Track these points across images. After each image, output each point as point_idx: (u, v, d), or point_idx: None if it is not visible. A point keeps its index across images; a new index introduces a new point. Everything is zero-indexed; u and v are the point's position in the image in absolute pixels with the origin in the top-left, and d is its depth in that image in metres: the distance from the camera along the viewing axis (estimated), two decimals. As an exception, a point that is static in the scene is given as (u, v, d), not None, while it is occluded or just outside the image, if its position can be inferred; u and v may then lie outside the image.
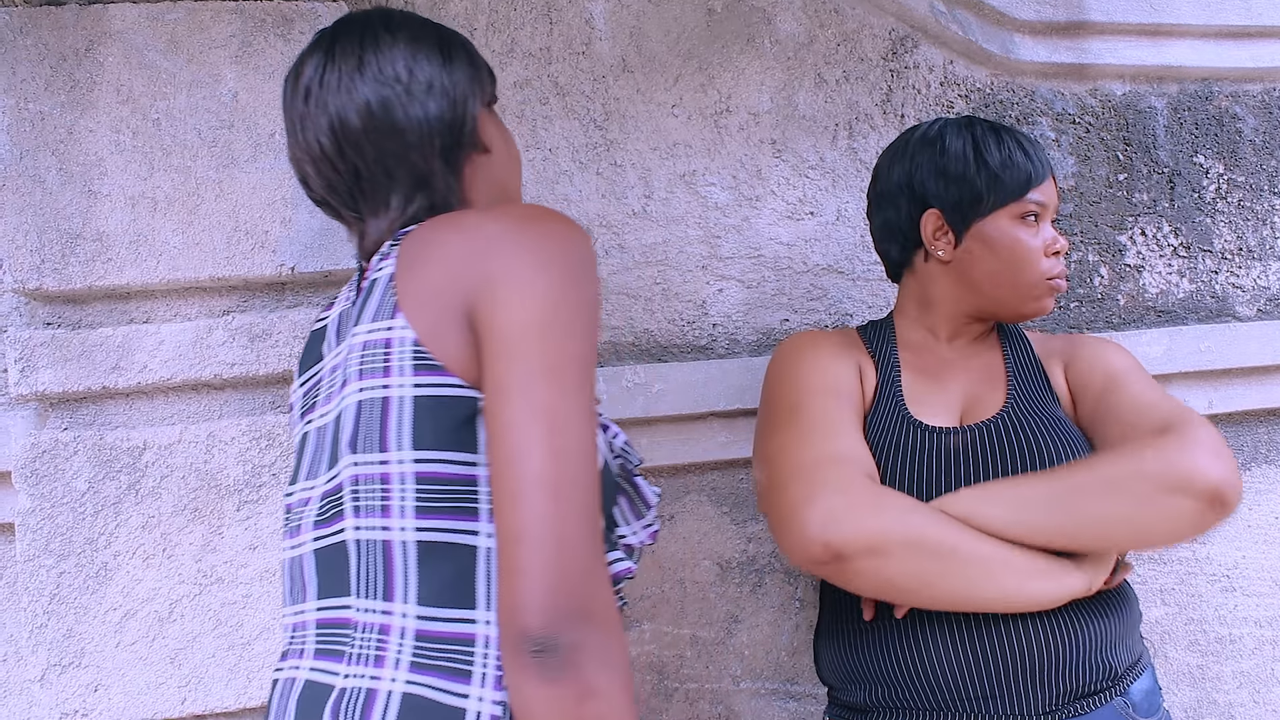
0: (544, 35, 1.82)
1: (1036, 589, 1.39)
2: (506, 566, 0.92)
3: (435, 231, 1.06)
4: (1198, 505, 1.35)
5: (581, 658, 0.90)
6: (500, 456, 0.95)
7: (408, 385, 1.04)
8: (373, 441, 1.05)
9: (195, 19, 1.54)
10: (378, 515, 1.04)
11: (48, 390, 1.52)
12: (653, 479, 1.83)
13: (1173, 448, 1.37)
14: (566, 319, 0.98)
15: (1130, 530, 1.38)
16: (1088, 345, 1.63)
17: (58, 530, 1.51)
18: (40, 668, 1.51)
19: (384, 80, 1.16)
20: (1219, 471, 1.36)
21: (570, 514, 0.93)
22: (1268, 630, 2.11)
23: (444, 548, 1.02)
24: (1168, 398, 1.49)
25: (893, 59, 1.99)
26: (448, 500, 1.03)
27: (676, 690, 1.83)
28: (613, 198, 1.84)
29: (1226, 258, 2.17)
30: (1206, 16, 2.14)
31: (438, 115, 1.17)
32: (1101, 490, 1.37)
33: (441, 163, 1.18)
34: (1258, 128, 2.20)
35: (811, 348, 1.61)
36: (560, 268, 1.00)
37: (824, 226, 1.95)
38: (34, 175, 1.50)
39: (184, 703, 1.53)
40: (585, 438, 0.97)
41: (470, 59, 1.22)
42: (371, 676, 1.02)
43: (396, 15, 1.22)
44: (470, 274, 1.02)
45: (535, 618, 0.89)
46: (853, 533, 1.34)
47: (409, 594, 1.02)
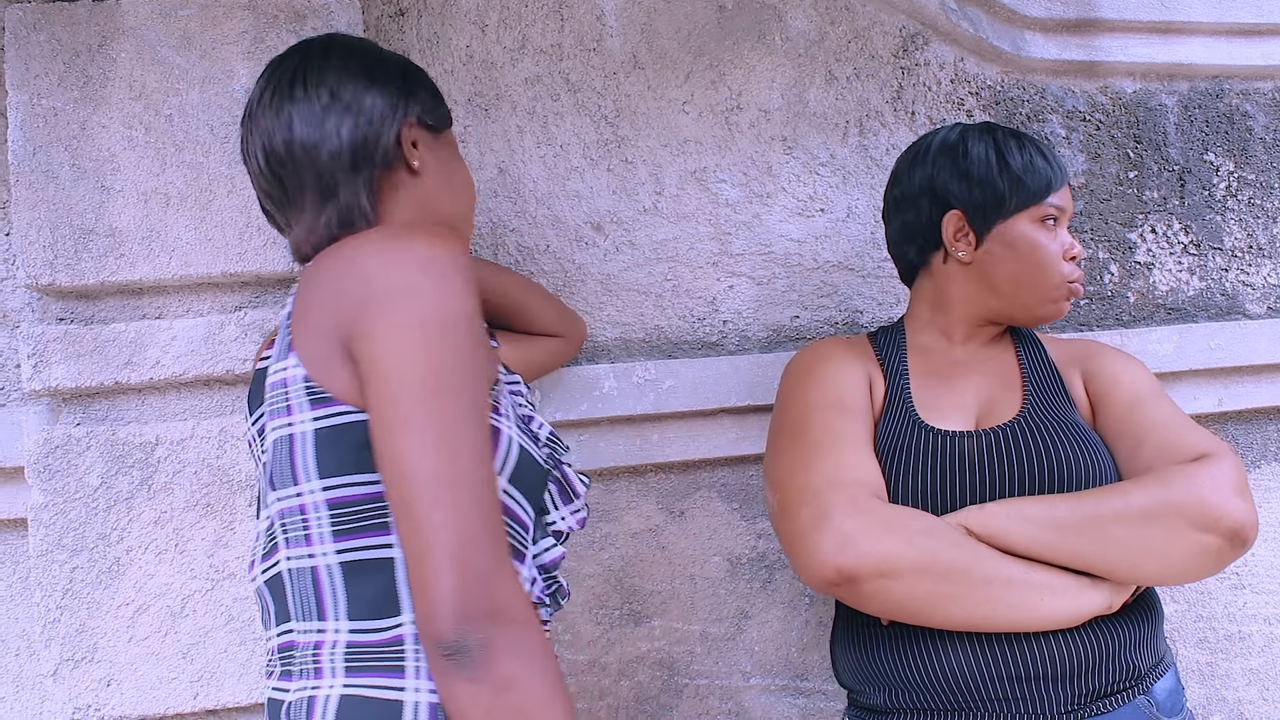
0: (555, 31, 1.82)
1: (1055, 607, 1.39)
2: (412, 581, 0.99)
3: (320, 264, 1.12)
4: (1222, 543, 1.37)
5: (492, 654, 0.96)
6: (389, 478, 1.01)
7: (307, 420, 1.10)
8: (286, 477, 1.12)
9: (208, 15, 1.54)
10: (303, 544, 1.11)
11: (61, 385, 1.52)
12: (662, 475, 1.84)
13: (1205, 483, 1.39)
14: (436, 335, 1.02)
15: (1159, 565, 1.39)
16: (1109, 357, 1.62)
17: (70, 525, 1.51)
18: (53, 662, 1.51)
19: (307, 102, 1.22)
20: (1244, 511, 1.38)
21: (460, 523, 0.98)
22: (1277, 628, 2.11)
23: (365, 564, 1.09)
24: (1195, 426, 1.49)
25: (903, 56, 1.99)
26: (360, 520, 1.09)
27: (686, 686, 1.83)
28: (623, 194, 1.85)
29: (1237, 255, 2.17)
30: (1217, 14, 2.14)
31: (349, 135, 1.21)
32: (1134, 521, 1.39)
33: (352, 179, 1.22)
34: (1268, 125, 2.20)
35: (820, 363, 1.61)
36: (426, 286, 1.03)
37: (834, 223, 1.95)
38: (47, 171, 1.50)
39: (196, 697, 1.53)
40: (468, 447, 1.01)
41: (401, 83, 1.27)
42: (312, 687, 1.09)
43: (338, 42, 1.28)
44: (344, 304, 1.07)
45: (443, 625, 0.95)
46: (863, 556, 1.35)
47: (339, 612, 1.09)
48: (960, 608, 1.37)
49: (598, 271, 1.83)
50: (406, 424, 1.00)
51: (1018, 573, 1.38)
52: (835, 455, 1.46)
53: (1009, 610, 1.38)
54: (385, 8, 1.75)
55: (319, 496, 1.10)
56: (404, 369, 1.01)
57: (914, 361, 1.63)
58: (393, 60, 1.29)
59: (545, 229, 1.81)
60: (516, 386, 1.33)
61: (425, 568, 0.97)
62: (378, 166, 1.23)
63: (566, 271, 1.81)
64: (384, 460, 1.02)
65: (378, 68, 1.26)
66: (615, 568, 1.81)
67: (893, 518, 1.38)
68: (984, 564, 1.38)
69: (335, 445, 1.09)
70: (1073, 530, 1.39)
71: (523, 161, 1.80)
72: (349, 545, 1.10)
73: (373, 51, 1.28)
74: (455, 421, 1.01)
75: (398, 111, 1.25)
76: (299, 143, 1.22)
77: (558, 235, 1.81)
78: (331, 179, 1.23)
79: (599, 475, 1.80)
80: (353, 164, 1.22)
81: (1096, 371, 1.60)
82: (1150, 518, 1.38)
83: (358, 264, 1.07)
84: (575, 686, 1.78)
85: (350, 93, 1.23)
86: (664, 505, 1.83)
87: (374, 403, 1.03)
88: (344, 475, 1.09)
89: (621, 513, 1.82)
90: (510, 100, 1.80)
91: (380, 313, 1.04)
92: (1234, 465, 1.41)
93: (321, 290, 1.10)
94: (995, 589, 1.37)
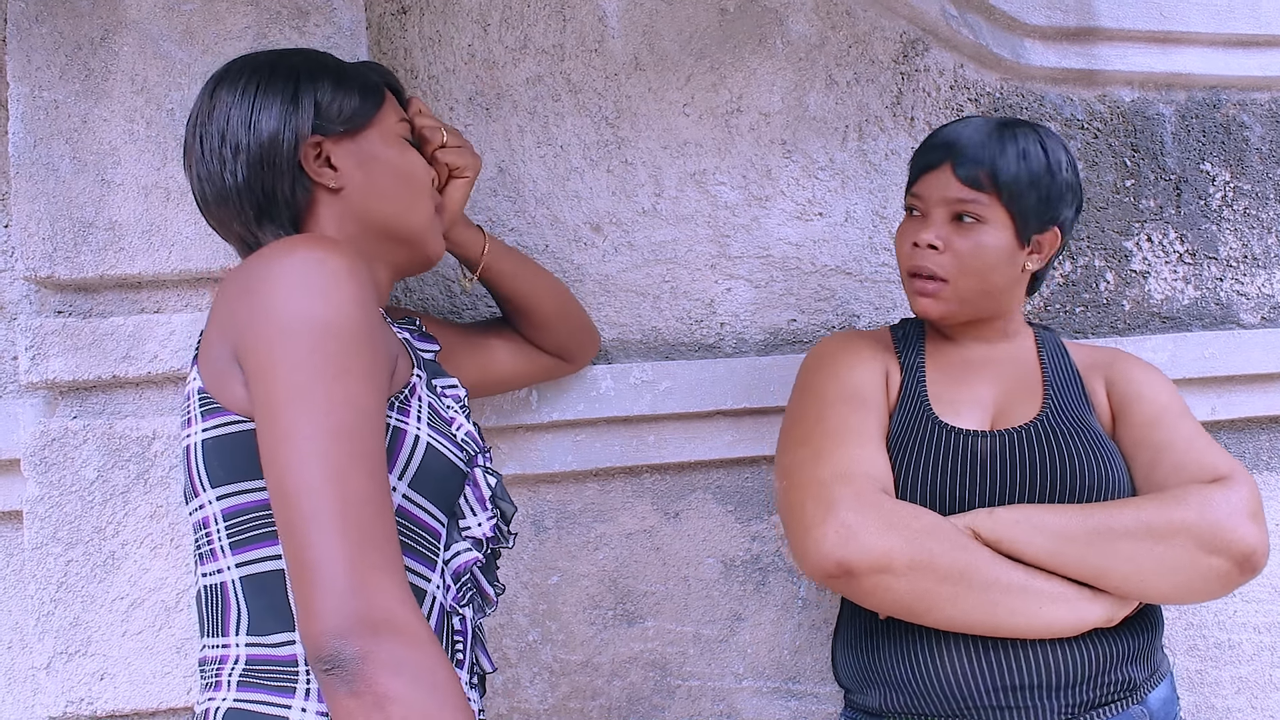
0: (557, 32, 1.82)
1: (1055, 616, 1.39)
2: (294, 594, 0.99)
3: (223, 281, 1.13)
4: (1231, 568, 1.38)
5: (370, 668, 0.94)
6: (271, 491, 1.01)
7: (198, 431, 1.12)
8: (190, 490, 1.15)
9: (211, 10, 1.54)
10: (212, 560, 1.13)
11: (58, 378, 1.52)
12: (658, 476, 1.84)
13: (1219, 506, 1.39)
14: (315, 345, 1.02)
15: (1167, 584, 1.39)
16: (1134, 367, 1.61)
17: (66, 518, 1.51)
18: (47, 655, 1.51)
19: (208, 161, 1.22)
20: (1257, 536, 1.38)
21: (338, 535, 0.97)
22: (1266, 636, 2.12)
23: (263, 577, 1.10)
24: (1215, 446, 1.48)
25: (903, 62, 2.00)
26: (256, 528, 1.10)
27: (679, 687, 1.83)
28: (623, 195, 1.85)
29: (1232, 265, 2.18)
30: (1216, 25, 2.15)
31: (246, 182, 1.21)
32: (1145, 538, 1.38)
33: (268, 228, 1.23)
34: (1265, 136, 2.21)
35: (837, 353, 1.60)
36: (304, 296, 1.03)
37: (833, 227, 1.95)
38: (47, 164, 1.50)
39: (189, 692, 1.53)
40: (348, 457, 1.00)
41: (291, 100, 1.22)
42: (208, 699, 1.11)
43: (226, 82, 1.25)
44: (233, 318, 1.08)
45: (320, 639, 0.95)
46: (863, 550, 1.35)
47: (240, 627, 1.11)
48: (958, 609, 1.37)
49: (596, 272, 1.83)
50: (286, 436, 1.00)
51: (1019, 579, 1.38)
52: (845, 449, 1.45)
53: (1008, 616, 1.38)
54: (388, 5, 1.75)
55: (216, 507, 1.12)
56: (283, 380, 1.01)
57: (932, 354, 1.62)
58: (282, 76, 1.24)
59: (544, 229, 1.81)
60: (454, 390, 1.33)
61: (303, 581, 0.96)
62: (290, 203, 1.23)
63: (565, 272, 1.82)
64: (267, 474, 1.01)
65: (262, 96, 1.22)
66: (609, 568, 1.81)
67: (895, 514, 1.38)
68: (985, 568, 1.38)
69: (225, 453, 1.10)
70: (1082, 542, 1.39)
71: (523, 161, 1.80)
72: (247, 557, 1.10)
73: (259, 77, 1.24)
74: (335, 431, 1.00)
75: (291, 136, 1.21)
76: (212, 202, 1.24)
77: (557, 235, 1.82)
78: (249, 232, 1.24)
79: (595, 475, 1.81)
80: (261, 213, 1.23)
81: (1120, 380, 1.59)
82: (1161, 536, 1.38)
83: (249, 276, 1.08)
84: (568, 686, 1.79)
85: (238, 137, 1.21)
86: (659, 506, 1.84)
87: (257, 415, 1.03)
88: (235, 482, 1.10)
89: (616, 513, 1.82)
90: (511, 100, 1.80)
91: (261, 325, 1.04)
92: (1250, 489, 1.41)
93: (220, 303, 1.12)
94: (995, 594, 1.37)
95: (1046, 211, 1.52)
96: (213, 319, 1.13)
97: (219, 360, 1.11)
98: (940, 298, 1.53)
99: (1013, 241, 1.51)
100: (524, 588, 1.78)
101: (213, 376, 1.12)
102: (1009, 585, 1.38)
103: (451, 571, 1.20)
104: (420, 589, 1.16)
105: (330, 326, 1.03)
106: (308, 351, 1.01)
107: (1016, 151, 1.49)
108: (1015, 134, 1.51)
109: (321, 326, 1.02)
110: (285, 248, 1.07)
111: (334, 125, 1.24)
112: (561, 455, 1.77)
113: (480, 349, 1.57)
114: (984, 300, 1.55)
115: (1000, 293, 1.55)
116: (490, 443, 1.73)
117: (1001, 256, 1.51)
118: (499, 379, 1.61)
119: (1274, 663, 2.12)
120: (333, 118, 1.24)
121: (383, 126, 1.29)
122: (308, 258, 1.05)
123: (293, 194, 1.22)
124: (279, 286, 1.04)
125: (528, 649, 1.78)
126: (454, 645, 1.21)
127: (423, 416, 1.17)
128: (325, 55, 1.31)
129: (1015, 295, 1.59)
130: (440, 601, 1.18)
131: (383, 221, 1.27)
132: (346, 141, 1.26)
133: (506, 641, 1.77)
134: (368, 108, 1.28)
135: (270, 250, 1.08)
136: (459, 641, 1.21)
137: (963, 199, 1.49)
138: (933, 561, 1.36)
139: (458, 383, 1.35)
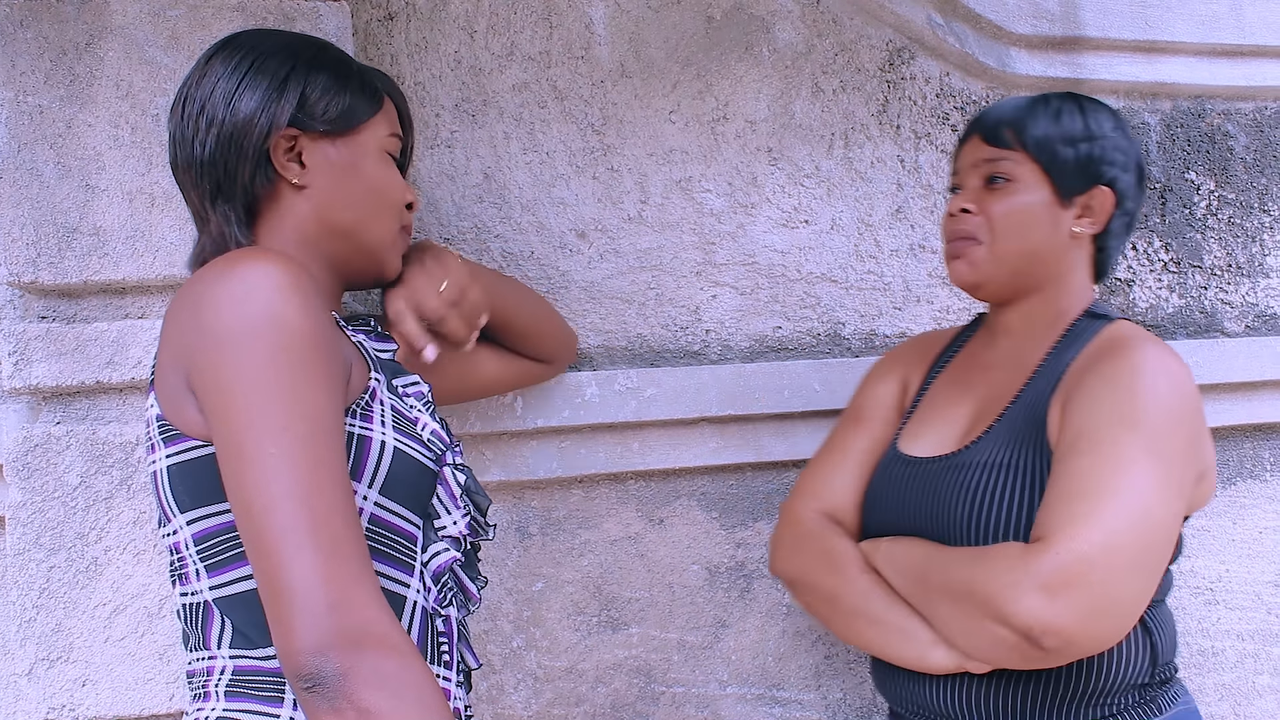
0: (544, 39, 1.82)
1: (902, 653, 1.38)
2: (268, 616, 0.98)
3: (172, 300, 1.12)
4: (1017, 639, 1.22)
5: (350, 684, 0.94)
6: (236, 514, 1.01)
7: (162, 458, 1.12)
8: (161, 516, 1.14)
9: (197, 16, 1.54)
10: (188, 582, 1.13)
11: (41, 384, 1.52)
12: (643, 483, 1.84)
13: (1006, 572, 1.23)
14: (265, 362, 1.01)
15: (964, 642, 1.31)
16: (1097, 375, 1.36)
17: (48, 524, 1.51)
18: (28, 662, 1.50)
19: (185, 124, 1.21)
20: (1036, 613, 1.20)
21: (310, 552, 0.96)
22: (1249, 644, 2.12)
23: (243, 596, 1.10)
24: (1092, 491, 1.24)
25: (890, 70, 2.01)
26: (228, 550, 1.10)
27: (663, 694, 1.84)
28: (609, 202, 1.85)
29: (1216, 274, 2.19)
30: (1200, 35, 2.16)
31: (210, 155, 1.19)
32: (945, 591, 1.32)
33: (221, 207, 1.21)
34: (1249, 145, 2.22)
35: (877, 365, 1.70)
36: (249, 315, 1.03)
37: (818, 235, 1.96)
38: (31, 168, 1.50)
39: (172, 699, 1.53)
40: (310, 473, 0.99)
41: (277, 87, 1.20)
42: (197, 709, 1.11)
43: (225, 50, 1.24)
44: (182, 341, 1.08)
45: (299, 658, 0.94)
46: (781, 567, 1.57)
47: (224, 641, 1.11)
48: (839, 629, 1.47)
49: (581, 279, 1.83)
50: (246, 458, 0.99)
51: (875, 611, 1.41)
52: (818, 469, 1.61)
53: (873, 644, 1.43)
54: (374, 12, 1.75)
55: (186, 533, 1.11)
56: (237, 400, 1.00)
57: (954, 362, 1.62)
58: (279, 59, 1.22)
59: (530, 235, 1.81)
60: (417, 388, 1.31)
61: (278, 602, 0.96)
62: (248, 188, 1.21)
63: (550, 278, 1.82)
64: (230, 496, 1.01)
65: (252, 73, 1.20)
66: (594, 574, 1.81)
67: (807, 538, 1.52)
68: (853, 596, 1.44)
69: (189, 479, 1.10)
70: (919, 586, 1.37)
71: (509, 168, 1.80)
72: (223, 579, 1.10)
73: (257, 54, 1.22)
74: (295, 445, 0.99)
75: (265, 121, 1.19)
76: (179, 167, 1.23)
77: (542, 242, 1.82)
78: (203, 206, 1.22)
79: (580, 482, 1.81)
80: (215, 190, 1.21)
81: (1077, 389, 1.36)
82: (956, 594, 1.30)
83: (193, 297, 1.07)
84: (552, 693, 1.79)
85: (215, 108, 1.20)
86: (644, 513, 1.84)
87: (215, 438, 1.03)
88: (202, 506, 1.10)
89: (601, 520, 1.82)
90: (497, 106, 1.80)
91: (209, 347, 1.03)
92: (1061, 558, 1.20)
93: (169, 327, 1.11)
94: (859, 622, 1.43)
95: (1089, 167, 1.45)
96: (163, 342, 1.12)
97: (173, 387, 1.10)
98: (972, 258, 1.47)
99: (1050, 199, 1.45)
100: (508, 594, 1.78)
101: (169, 402, 1.11)
102: (869, 615, 1.42)
103: (431, 573, 1.20)
104: (400, 595, 1.15)
105: (279, 339, 1.02)
106: (259, 367, 1.01)
107: (1048, 111, 1.46)
108: (1049, 99, 1.49)
109: (270, 341, 1.02)
110: (227, 263, 1.06)
111: (315, 122, 1.22)
112: (546, 462, 1.77)
113: (463, 359, 1.56)
114: (1028, 265, 1.46)
115: (1048, 257, 1.46)
116: (475, 449, 1.73)
117: (1039, 215, 1.44)
118: (482, 384, 1.60)
119: (1257, 669, 2.12)
120: (316, 115, 1.22)
121: (369, 136, 1.27)
122: (251, 272, 1.05)
123: (252, 181, 1.20)
124: (224, 305, 1.03)
125: (512, 655, 1.78)
126: (439, 647, 1.20)
127: (387, 420, 1.16)
128: (335, 50, 1.29)
129: (1066, 263, 1.48)
130: (422, 605, 1.18)
131: (343, 228, 1.25)
132: (324, 142, 1.23)
133: (491, 647, 1.77)
134: (358, 113, 1.26)
135: (213, 267, 1.07)
136: (444, 642, 1.21)
137: (989, 158, 1.47)
138: (813, 583, 1.50)
139: (419, 379, 1.33)
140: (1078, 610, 1.20)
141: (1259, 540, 2.13)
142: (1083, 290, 1.51)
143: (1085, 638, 1.21)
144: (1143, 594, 1.25)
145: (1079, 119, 1.46)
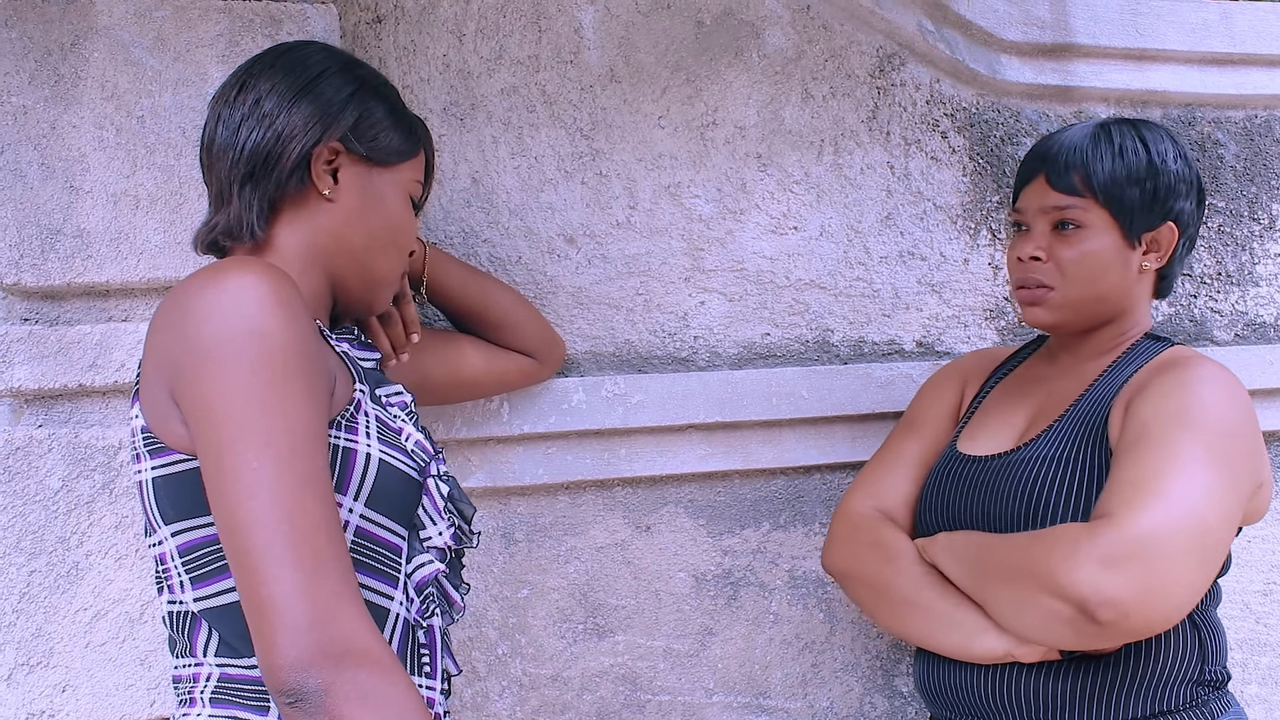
0: (533, 43, 1.82)
1: (950, 643, 1.41)
2: (252, 628, 0.98)
3: (160, 306, 1.12)
4: (1075, 613, 1.24)
5: (332, 700, 0.94)
6: (220, 529, 1.01)
7: (148, 470, 1.12)
8: (147, 525, 1.15)
9: (183, 17, 1.54)
10: (174, 592, 1.13)
11: (23, 386, 1.51)
12: (629, 490, 1.83)
13: (1067, 546, 1.26)
14: (245, 373, 1.01)
15: (1018, 623, 1.33)
16: (1159, 385, 1.41)
17: (29, 528, 1.50)
18: (8, 667, 1.49)
19: (234, 106, 1.23)
20: (1092, 584, 1.22)
21: (292, 567, 0.96)
22: (1237, 653, 2.12)
23: (228, 608, 1.09)
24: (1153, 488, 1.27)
25: (880, 76, 2.00)
26: (214, 562, 1.10)
27: (649, 702, 1.83)
28: (597, 207, 1.85)
29: (1206, 282, 2.19)
30: (1191, 43, 2.16)
31: (252, 146, 1.20)
32: (1001, 574, 1.35)
33: (244, 192, 1.21)
34: (1239, 154, 2.22)
35: (935, 376, 1.74)
36: (233, 328, 1.03)
37: (807, 241, 1.95)
38: (15, 170, 1.49)
39: (153, 705, 1.52)
40: (293, 487, 0.99)
41: (339, 102, 1.23)
42: (183, 715, 1.11)
43: (299, 50, 1.27)
44: (167, 353, 1.08)
45: (280, 673, 0.95)
46: (832, 559, 1.62)
47: (209, 649, 1.11)
48: (885, 618, 1.52)
49: (569, 284, 1.83)
50: (228, 473, 0.99)
51: (926, 600, 1.43)
52: (874, 472, 1.67)
53: (920, 633, 1.46)
54: (363, 14, 1.74)
55: (171, 544, 1.11)
56: (220, 413, 1.01)
57: (1014, 375, 1.65)
58: (347, 77, 1.26)
59: (518, 240, 1.81)
60: (400, 398, 1.31)
61: (260, 617, 0.96)
62: (280, 184, 1.21)
63: (538, 283, 1.81)
64: (214, 509, 1.01)
65: (319, 81, 1.23)
66: (580, 581, 1.81)
67: (858, 531, 1.57)
68: (904, 586, 1.46)
69: (174, 491, 1.10)
70: (974, 568, 1.40)
71: (497, 172, 1.80)
72: (208, 590, 1.10)
73: (328, 65, 1.25)
74: (279, 459, 0.99)
75: (317, 130, 1.21)
76: (217, 145, 1.23)
77: (530, 247, 1.81)
78: (229, 188, 1.22)
79: (566, 488, 1.80)
80: (248, 176, 1.21)
81: (1139, 395, 1.41)
82: (1012, 572, 1.33)
83: (177, 309, 1.07)
84: (537, 700, 1.78)
85: (274, 103, 1.21)
86: (630, 520, 1.83)
87: (199, 451, 1.03)
88: (187, 519, 1.10)
89: (588, 526, 1.81)
90: (486, 110, 1.79)
91: (193, 360, 1.03)
92: (1121, 532, 1.23)
93: (154, 336, 1.11)
94: (908, 610, 1.46)
95: (1155, 206, 1.48)
96: (148, 352, 1.12)
97: (157, 399, 1.10)
98: (1048, 303, 1.50)
99: (1120, 242, 1.48)
100: (494, 601, 1.77)
101: (153, 414, 1.11)
102: (917, 604, 1.45)
103: (415, 585, 1.19)
104: (382, 607, 1.15)
105: (262, 353, 1.02)
106: (242, 382, 1.01)
107: (1112, 151, 1.47)
108: (1110, 133, 1.50)
109: (253, 354, 1.01)
110: (212, 274, 1.06)
111: (361, 146, 1.25)
112: (532, 468, 1.76)
113: (449, 348, 1.57)
114: (1100, 305, 1.51)
115: (1118, 296, 1.51)
116: (461, 454, 1.72)
117: (1109, 259, 1.48)
118: (470, 380, 1.61)
119: (1245, 679, 2.12)
120: (364, 139, 1.25)
121: (402, 175, 1.31)
122: (235, 284, 1.04)
123: (287, 180, 1.21)
124: (208, 317, 1.03)
125: (497, 662, 1.77)
126: (420, 658, 1.20)
127: (372, 432, 1.17)
128: (394, 89, 1.33)
129: (1135, 296, 1.53)
130: (404, 617, 1.18)
131: (354, 251, 1.27)
132: (363, 167, 1.26)
133: (475, 654, 1.76)
134: (401, 152, 1.30)
135: (196, 278, 1.07)
136: (425, 654, 1.21)
137: (1059, 206, 1.49)
138: (861, 571, 1.55)
139: (402, 388, 1.33)
140: (1135, 584, 1.22)
141: (1247, 549, 2.13)
142: (1145, 315, 1.58)
143: (1139, 614, 1.23)
144: (1198, 583, 1.27)
145: (1142, 153, 1.48)
